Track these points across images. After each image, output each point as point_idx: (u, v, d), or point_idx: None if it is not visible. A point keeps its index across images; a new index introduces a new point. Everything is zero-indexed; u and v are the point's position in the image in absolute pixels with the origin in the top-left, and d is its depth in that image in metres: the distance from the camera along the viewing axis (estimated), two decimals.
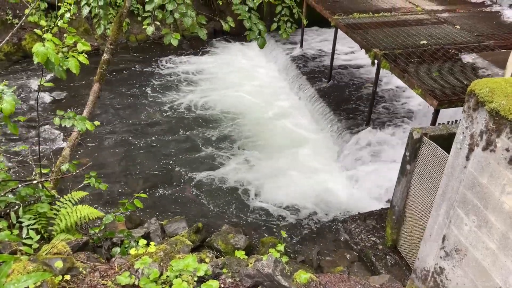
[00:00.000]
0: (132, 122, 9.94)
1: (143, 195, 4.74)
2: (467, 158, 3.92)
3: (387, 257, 6.17)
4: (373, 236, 6.61)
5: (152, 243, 3.88)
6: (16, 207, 4.06)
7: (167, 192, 7.91)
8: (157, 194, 7.85)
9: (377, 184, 7.71)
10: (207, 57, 13.19)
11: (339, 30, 9.85)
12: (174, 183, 8.13)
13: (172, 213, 7.36)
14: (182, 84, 11.63)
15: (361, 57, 11.47)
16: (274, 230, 7.10)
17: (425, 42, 8.52)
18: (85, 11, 5.90)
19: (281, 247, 4.46)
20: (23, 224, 3.91)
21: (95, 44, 12.65)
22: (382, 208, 7.20)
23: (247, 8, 5.47)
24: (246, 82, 11.69)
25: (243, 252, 4.17)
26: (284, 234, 6.81)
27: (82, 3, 6.01)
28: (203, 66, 12.58)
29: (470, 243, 3.95)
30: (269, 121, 10.07)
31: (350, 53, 12.17)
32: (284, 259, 4.46)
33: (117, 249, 4.29)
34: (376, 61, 8.13)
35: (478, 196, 3.80)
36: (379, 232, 6.65)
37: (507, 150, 3.42)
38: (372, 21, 9.62)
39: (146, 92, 11.20)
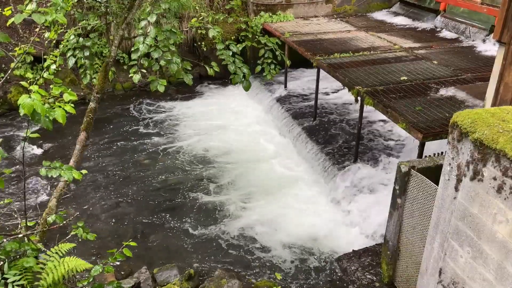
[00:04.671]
0: (119, 169, 9.85)
1: (132, 243, 4.62)
2: (456, 189, 3.94)
3: None
4: (369, 273, 6.50)
5: None
6: (1, 262, 3.91)
7: (157, 239, 7.74)
8: (146, 241, 7.68)
9: (370, 219, 7.67)
10: (193, 101, 13.33)
11: (321, 70, 10.11)
12: (164, 229, 7.98)
13: (163, 260, 7.18)
14: (169, 128, 11.67)
15: (344, 95, 11.72)
16: (268, 272, 6.94)
17: (405, 78, 8.76)
18: (71, 62, 5.99)
19: None
20: (8, 281, 3.76)
21: (81, 93, 12.72)
22: (376, 244, 7.13)
23: (231, 53, 5.61)
24: (232, 124, 11.79)
25: None
26: (278, 276, 6.67)
27: (68, 55, 6.10)
28: (189, 110, 12.69)
29: (467, 275, 3.90)
30: (257, 162, 10.07)
31: (333, 92, 12.43)
32: None
33: None
34: (359, 98, 8.30)
35: (470, 227, 3.79)
36: (375, 268, 6.55)
37: (495, 179, 3.46)
38: (353, 60, 9.90)
39: (133, 138, 11.19)
